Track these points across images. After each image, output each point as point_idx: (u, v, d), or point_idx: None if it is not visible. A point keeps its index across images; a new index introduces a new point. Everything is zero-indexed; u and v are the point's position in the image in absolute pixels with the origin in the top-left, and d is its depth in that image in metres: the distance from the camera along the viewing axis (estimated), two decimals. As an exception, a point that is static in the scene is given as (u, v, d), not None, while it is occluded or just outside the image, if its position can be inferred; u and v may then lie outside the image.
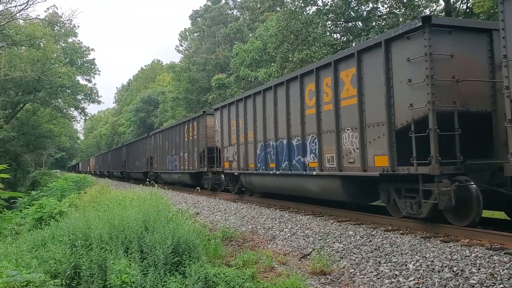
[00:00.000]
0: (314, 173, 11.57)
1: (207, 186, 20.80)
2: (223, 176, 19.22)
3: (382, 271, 6.69)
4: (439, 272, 6.22)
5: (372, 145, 9.53)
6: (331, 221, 10.51)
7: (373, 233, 8.80)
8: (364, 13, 22.72)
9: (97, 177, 56.22)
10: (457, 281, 5.84)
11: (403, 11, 20.66)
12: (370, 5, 22.73)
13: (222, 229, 10.21)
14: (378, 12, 22.63)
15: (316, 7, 23.48)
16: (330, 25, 23.95)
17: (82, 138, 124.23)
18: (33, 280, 5.31)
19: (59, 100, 42.15)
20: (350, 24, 23.66)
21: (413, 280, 6.14)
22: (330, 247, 8.43)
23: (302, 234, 9.74)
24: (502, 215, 9.70)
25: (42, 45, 35.85)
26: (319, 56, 19.88)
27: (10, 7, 31.29)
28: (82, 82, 48.96)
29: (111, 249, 6.01)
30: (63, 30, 47.46)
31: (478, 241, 7.42)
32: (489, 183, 8.26)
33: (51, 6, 59.24)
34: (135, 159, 38.41)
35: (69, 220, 7.96)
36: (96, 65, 53.34)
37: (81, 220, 7.28)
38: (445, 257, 6.70)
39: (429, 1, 21.82)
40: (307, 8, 23.98)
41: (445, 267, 6.33)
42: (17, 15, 30.29)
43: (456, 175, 8.13)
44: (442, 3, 21.16)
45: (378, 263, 7.07)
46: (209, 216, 13.98)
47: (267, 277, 6.65)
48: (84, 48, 52.10)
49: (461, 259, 6.53)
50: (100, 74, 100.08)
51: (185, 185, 25.47)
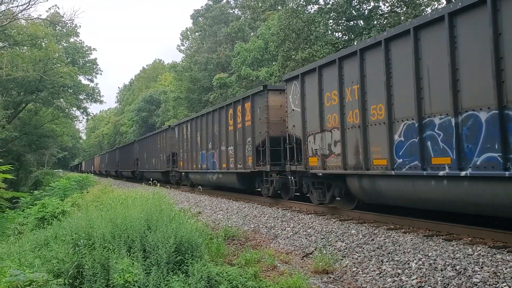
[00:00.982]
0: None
1: (267, 192, 15.26)
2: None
3: (385, 270, 6.69)
4: (442, 271, 6.22)
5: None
6: (333, 220, 10.51)
7: (376, 232, 8.80)
8: (366, 12, 22.69)
9: (102, 178, 53.71)
10: (460, 280, 5.83)
11: (405, 10, 20.64)
12: (372, 4, 22.70)
13: (224, 228, 10.23)
14: (380, 11, 22.58)
15: (318, 6, 23.47)
16: (332, 24, 23.93)
17: (84, 138, 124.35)
18: (36, 280, 5.32)
19: (61, 100, 42.21)
20: (352, 23, 23.64)
21: (416, 279, 6.14)
22: (333, 246, 8.43)
23: (305, 233, 9.74)
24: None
25: (44, 45, 35.91)
26: (321, 55, 19.86)
27: (12, 7, 31.38)
28: (84, 82, 49.08)
29: (114, 249, 6.02)
30: (65, 30, 47.51)
31: (481, 240, 7.41)
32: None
33: (53, 6, 59.46)
34: (151, 157, 33.41)
35: (72, 220, 7.97)
36: (98, 65, 53.49)
37: (84, 220, 7.29)
38: (448, 256, 6.70)
39: (431, 0, 21.78)
40: (309, 7, 23.97)
41: (448, 266, 6.33)
42: (19, 15, 30.34)
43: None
44: (444, 1, 21.10)
45: (381, 262, 7.07)
46: (211, 215, 13.99)
47: (270, 276, 6.65)
48: (86, 48, 52.21)
49: (464, 258, 6.52)
50: (102, 74, 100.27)
51: (229, 189, 19.66)
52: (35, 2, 28.49)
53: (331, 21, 23.57)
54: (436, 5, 21.98)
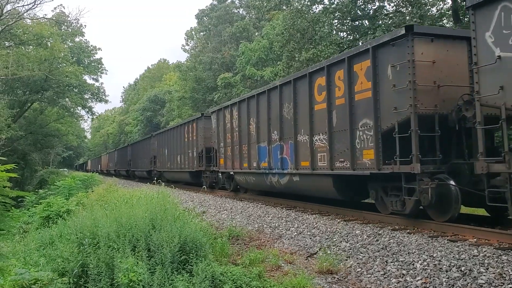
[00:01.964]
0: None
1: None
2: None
3: (389, 271, 6.67)
4: (447, 272, 6.19)
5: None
6: (338, 220, 10.49)
7: (380, 232, 8.78)
8: (371, 12, 22.63)
9: (110, 178, 49.93)
10: (465, 281, 5.81)
11: (410, 10, 20.56)
12: (377, 4, 22.63)
13: (229, 228, 10.23)
14: (385, 11, 22.52)
15: (323, 6, 23.42)
16: (337, 24, 23.87)
17: (89, 137, 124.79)
18: (41, 278, 5.35)
19: (66, 99, 42.39)
20: (357, 23, 23.58)
21: (421, 280, 6.11)
22: (337, 246, 8.41)
23: (309, 233, 9.73)
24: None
25: (49, 45, 36.08)
26: (326, 55, 19.82)
27: (18, 7, 31.47)
28: (89, 81, 49.26)
29: (119, 248, 6.03)
30: (70, 30, 47.69)
31: (486, 241, 7.37)
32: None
33: (58, 6, 59.76)
34: (175, 153, 28.00)
35: (77, 219, 7.99)
36: (103, 64, 53.76)
37: (89, 219, 7.31)
38: (453, 257, 6.67)
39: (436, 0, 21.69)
40: (314, 7, 23.93)
41: (453, 267, 6.30)
42: (25, 15, 30.49)
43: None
44: (449, 1, 21.01)
45: (385, 263, 7.05)
46: (216, 215, 14.00)
47: (274, 276, 6.65)
48: (91, 48, 52.43)
49: (469, 259, 6.49)
50: (107, 74, 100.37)
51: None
52: (41, 2, 28.65)
53: (336, 21, 23.51)
54: (442, 5, 21.93)
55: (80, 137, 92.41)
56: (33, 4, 28.95)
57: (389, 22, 21.21)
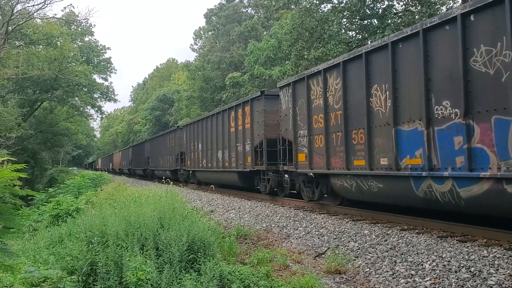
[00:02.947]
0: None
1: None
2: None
3: (398, 271, 6.64)
4: (456, 273, 6.15)
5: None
6: (346, 220, 10.46)
7: (389, 232, 8.74)
8: (380, 11, 22.52)
9: (126, 178, 45.54)
10: (475, 282, 5.76)
11: (419, 9, 20.43)
12: (386, 3, 22.52)
13: (237, 227, 10.24)
14: (394, 10, 22.40)
15: (331, 5, 23.36)
16: (346, 23, 23.78)
17: (99, 136, 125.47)
18: (51, 276, 5.38)
19: (76, 99, 42.61)
20: (366, 22, 23.47)
21: (429, 280, 6.07)
22: (345, 246, 8.39)
23: (317, 233, 9.71)
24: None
25: (59, 44, 36.30)
26: (334, 54, 19.76)
27: (28, 7, 31.74)
28: (99, 81, 49.50)
29: (127, 246, 6.06)
30: (80, 29, 47.95)
31: (496, 241, 7.31)
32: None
33: (68, 6, 60.01)
34: (212, 148, 22.01)
35: (86, 217, 8.05)
36: (112, 64, 53.96)
37: (98, 217, 7.35)
38: (462, 257, 6.62)
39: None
40: (322, 6, 23.86)
41: (462, 268, 6.25)
42: (35, 15, 30.69)
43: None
44: (459, 0, 20.85)
45: (394, 263, 7.01)
46: (224, 214, 14.01)
47: (282, 276, 6.64)
48: (101, 47, 52.68)
49: (479, 260, 6.44)
50: (116, 73, 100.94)
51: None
52: (51, 2, 28.81)
53: (345, 20, 23.42)
54: (451, 4, 21.75)
55: (90, 136, 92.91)
56: (43, 4, 29.13)
57: (398, 21, 21.10)
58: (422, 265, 6.65)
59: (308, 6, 23.06)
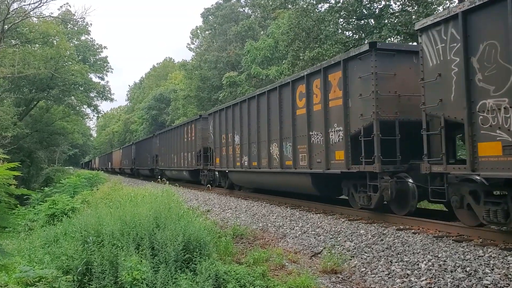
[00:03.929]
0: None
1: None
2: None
3: (394, 271, 6.64)
4: (452, 272, 6.16)
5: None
6: (342, 220, 10.47)
7: (385, 232, 8.75)
8: (377, 11, 22.53)
9: (117, 176, 44.63)
10: (470, 282, 5.77)
11: (416, 9, 20.45)
12: (383, 3, 22.52)
13: (233, 227, 10.24)
14: (391, 10, 22.40)
15: (328, 5, 23.34)
16: (342, 23, 23.79)
17: (95, 135, 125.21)
18: (46, 276, 5.36)
19: (72, 98, 42.46)
20: (363, 22, 23.48)
21: (425, 280, 6.08)
22: (341, 246, 8.39)
23: (313, 233, 9.71)
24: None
25: (55, 43, 36.16)
26: (331, 54, 19.76)
27: (24, 5, 31.55)
28: (95, 80, 49.31)
29: (123, 246, 6.04)
30: (76, 28, 47.78)
31: (492, 241, 7.33)
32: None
33: (64, 4, 59.77)
34: (265, 140, 15.66)
35: (81, 217, 8.03)
36: (109, 63, 53.72)
37: (93, 217, 7.33)
38: (458, 257, 6.63)
39: (443, -2, 21.54)
40: (319, 6, 23.84)
41: (458, 267, 6.27)
42: (31, 13, 30.57)
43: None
44: (456, 0, 20.89)
45: (390, 262, 7.02)
46: (220, 214, 14.00)
47: (278, 275, 6.64)
48: (97, 46, 52.48)
49: (474, 259, 6.46)
50: (113, 72, 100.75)
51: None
52: (47, 1, 28.74)
53: (342, 20, 23.42)
54: (448, 4, 21.80)
55: (86, 135, 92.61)
56: (39, 3, 29.00)
57: (395, 21, 21.12)
58: (418, 265, 6.66)
59: (305, 6, 23.04)
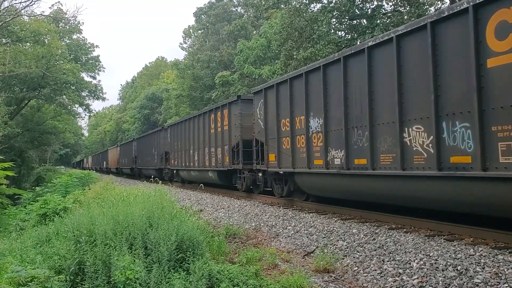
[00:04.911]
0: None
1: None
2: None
3: (386, 269, 6.68)
4: (443, 271, 6.21)
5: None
6: (335, 219, 10.51)
7: (377, 231, 8.80)
8: (369, 11, 22.63)
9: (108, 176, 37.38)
10: (461, 280, 5.82)
11: (408, 9, 20.57)
12: (375, 3, 22.63)
13: (226, 226, 10.24)
14: (383, 10, 22.52)
15: (321, 5, 23.42)
16: (335, 23, 23.87)
17: (87, 135, 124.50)
18: (38, 276, 5.33)
19: (64, 97, 42.20)
20: (355, 22, 23.58)
21: (417, 279, 6.13)
22: (334, 245, 8.42)
23: (306, 232, 9.74)
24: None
25: (47, 42, 35.90)
26: (324, 54, 19.82)
27: (15, 4, 31.35)
28: (87, 79, 49.04)
29: (115, 246, 6.02)
30: (68, 27, 47.47)
31: (483, 240, 7.40)
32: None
33: (56, 3, 59.26)
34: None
35: (74, 216, 7.98)
36: (101, 62, 53.43)
37: (86, 216, 7.29)
38: (449, 256, 6.69)
39: (435, -1, 21.67)
40: (312, 6, 23.91)
41: (449, 266, 6.32)
42: (22, 12, 30.35)
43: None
44: (447, 1, 21.04)
45: (382, 261, 7.06)
46: (213, 213, 14.00)
47: (271, 275, 6.65)
48: (89, 45, 52.18)
49: (465, 258, 6.51)
50: (105, 71, 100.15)
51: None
52: (38, -1, 28.42)
53: (334, 20, 23.51)
54: (440, 5, 21.94)
55: (77, 135, 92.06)
56: (31, 1, 28.81)
57: (387, 22, 21.23)
58: (410, 264, 6.71)
59: (298, 6, 23.10)
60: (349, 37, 23.64)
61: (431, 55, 7.93)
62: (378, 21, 21.70)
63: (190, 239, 6.48)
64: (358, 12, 22.76)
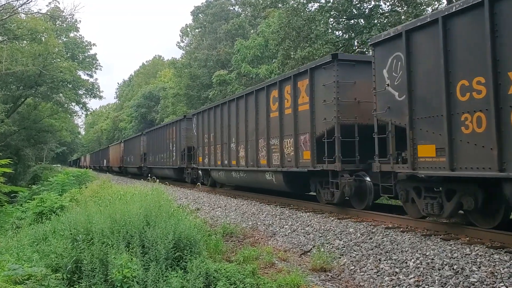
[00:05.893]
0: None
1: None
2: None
3: (382, 269, 6.71)
4: (439, 270, 6.24)
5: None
6: (332, 218, 10.53)
7: (374, 231, 8.82)
8: (366, 11, 22.65)
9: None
10: (457, 279, 5.85)
11: (405, 9, 20.60)
12: (373, 3, 22.65)
13: (223, 225, 10.24)
14: (380, 10, 22.54)
15: (319, 4, 23.42)
16: (332, 23, 23.87)
17: (83, 133, 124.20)
18: (35, 274, 5.33)
19: (60, 95, 42.07)
20: (352, 22, 23.59)
21: (413, 278, 6.15)
22: (331, 244, 8.44)
23: (303, 231, 9.75)
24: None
25: (44, 40, 35.79)
26: (321, 54, 19.83)
27: (12, 1, 31.21)
28: (84, 77, 48.92)
29: (113, 244, 6.02)
30: (65, 25, 47.34)
31: (479, 240, 7.43)
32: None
33: (53, 1, 59.04)
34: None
35: (70, 215, 7.97)
36: (98, 60, 53.29)
37: (83, 215, 7.29)
38: (446, 255, 6.72)
39: (432, -1, 21.72)
40: (309, 5, 23.90)
41: (446, 265, 6.35)
42: (19, 9, 30.24)
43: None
44: (445, 1, 21.08)
45: (378, 261, 7.08)
46: (210, 212, 14.00)
47: (268, 273, 6.66)
48: (86, 43, 52.05)
49: (462, 257, 6.54)
50: (102, 70, 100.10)
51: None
52: (35, -3, 28.33)
53: (332, 20, 23.50)
54: (437, 5, 21.99)
55: (74, 133, 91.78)
56: (28, -1, 28.69)
57: (385, 21, 21.25)
58: (406, 263, 6.74)
59: (295, 5, 23.08)
60: (347, 37, 23.67)
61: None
62: (376, 21, 21.72)
63: (188, 238, 6.48)
64: (356, 12, 22.76)
